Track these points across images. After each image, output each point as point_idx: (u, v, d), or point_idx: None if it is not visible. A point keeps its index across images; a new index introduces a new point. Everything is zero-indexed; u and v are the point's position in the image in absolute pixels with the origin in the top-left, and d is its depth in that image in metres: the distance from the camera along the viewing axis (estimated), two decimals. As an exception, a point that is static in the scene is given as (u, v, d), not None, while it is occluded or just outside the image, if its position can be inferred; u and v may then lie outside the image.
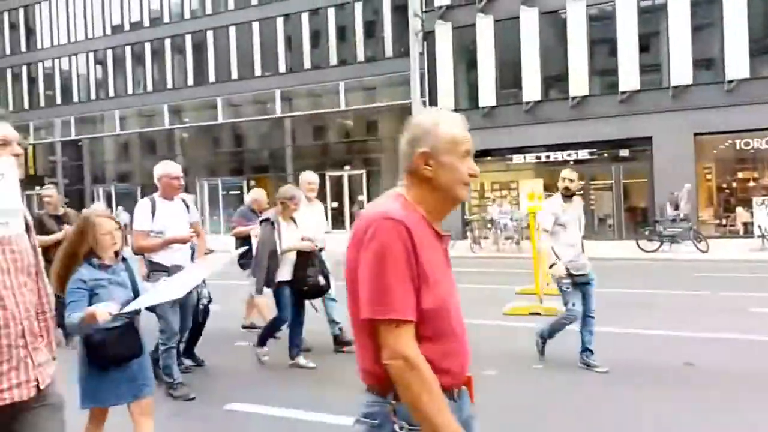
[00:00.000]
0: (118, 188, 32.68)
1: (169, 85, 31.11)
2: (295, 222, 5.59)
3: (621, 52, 19.36)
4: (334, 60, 27.26)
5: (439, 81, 21.79)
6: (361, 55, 26.78)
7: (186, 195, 5.36)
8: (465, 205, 21.30)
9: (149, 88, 31.83)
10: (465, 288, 9.73)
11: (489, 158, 21.60)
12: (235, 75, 29.28)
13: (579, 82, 19.90)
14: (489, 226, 18.13)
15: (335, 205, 26.64)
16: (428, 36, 21.57)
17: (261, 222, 5.63)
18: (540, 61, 20.46)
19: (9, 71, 35.76)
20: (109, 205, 30.78)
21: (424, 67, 21.75)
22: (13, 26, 35.74)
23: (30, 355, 1.85)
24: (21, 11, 35.25)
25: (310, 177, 6.42)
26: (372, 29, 26.82)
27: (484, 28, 21.17)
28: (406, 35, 23.95)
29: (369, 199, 26.00)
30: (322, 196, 29.18)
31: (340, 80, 26.76)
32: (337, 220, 26.66)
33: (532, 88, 20.53)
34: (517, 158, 21.61)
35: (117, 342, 2.93)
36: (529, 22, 20.49)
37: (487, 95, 21.15)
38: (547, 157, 20.89)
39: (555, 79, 20.89)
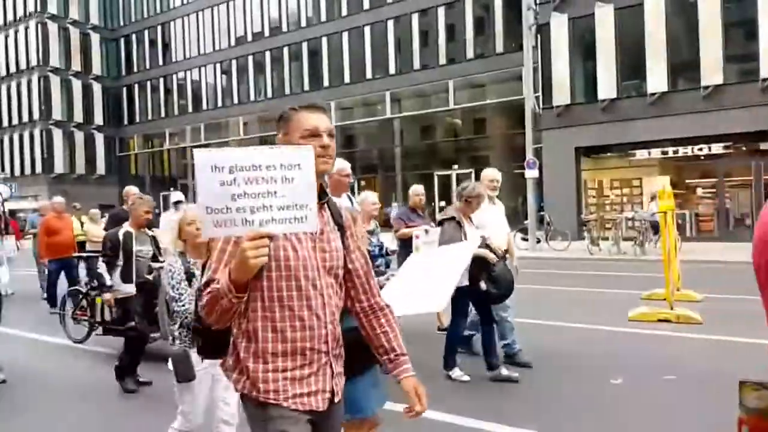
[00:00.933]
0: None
1: (287, 90, 32.74)
2: (472, 221, 5.13)
3: (762, 34, 17.34)
4: (443, 59, 27.16)
5: (553, 75, 20.88)
6: (470, 53, 26.43)
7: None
8: (582, 204, 20.26)
9: (269, 94, 33.72)
10: (583, 291, 9.19)
11: (609, 154, 20.36)
12: (347, 79, 30.16)
13: (712, 70, 18.10)
14: (608, 225, 17.07)
15: (443, 204, 26.51)
16: (542, 29, 20.74)
17: (443, 222, 5.10)
18: (667, 48, 18.89)
19: (148, 83, 39.60)
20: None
21: (538, 61, 20.96)
22: (152, 43, 39.52)
23: (330, 363, 1.70)
24: (159, 28, 38.89)
25: (493, 173, 5.87)
26: (482, 26, 26.37)
27: (604, 18, 19.94)
28: (517, 30, 23.28)
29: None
30: (429, 197, 29.26)
31: (449, 79, 26.60)
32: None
33: (657, 78, 19.00)
34: (641, 154, 20.12)
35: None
36: (655, 8, 19.00)
37: (607, 87, 19.91)
38: (675, 152, 19.22)
39: (684, 68, 19.18)
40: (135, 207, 5.29)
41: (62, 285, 8.53)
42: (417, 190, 6.69)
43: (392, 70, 28.58)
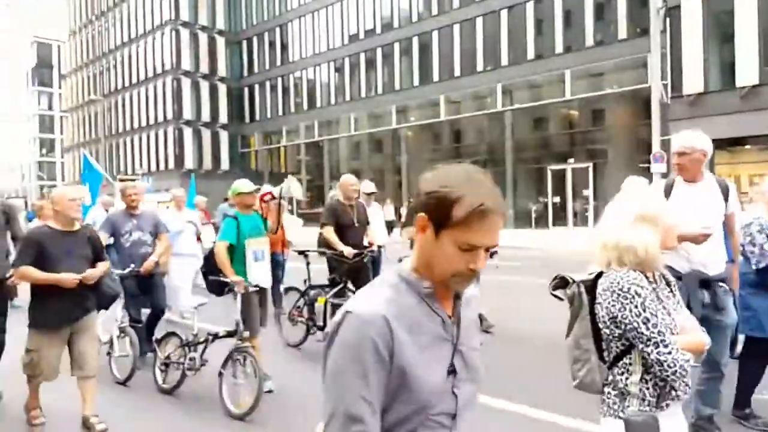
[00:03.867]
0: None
1: (397, 86, 33.03)
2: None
3: None
4: (559, 48, 25.96)
5: (684, 61, 19.17)
6: (590, 40, 25.01)
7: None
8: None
9: (379, 90, 34.23)
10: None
11: (747, 147, 18.41)
12: (457, 72, 29.82)
13: None
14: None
15: (556, 200, 25.42)
16: (672, 12, 19.13)
17: None
18: (824, 26, 16.64)
19: (268, 83, 41.80)
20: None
21: (666, 47, 19.35)
22: (271, 44, 41.64)
23: None
24: (277, 30, 40.88)
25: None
26: (602, 11, 24.86)
27: (745, -5, 17.98)
28: (642, 14, 21.70)
29: (595, 195, 24.25)
30: (541, 191, 28.17)
31: (566, 68, 25.37)
32: (558, 216, 25.41)
33: (810, 61, 16.82)
34: (787, 146, 17.97)
35: None
36: (810, -21, 16.79)
37: (747, 73, 17.93)
38: (829, 144, 16.95)
39: None
40: None
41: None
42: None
43: (504, 61, 27.80)
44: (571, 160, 25.20)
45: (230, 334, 4.49)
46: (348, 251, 5.77)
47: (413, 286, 1.21)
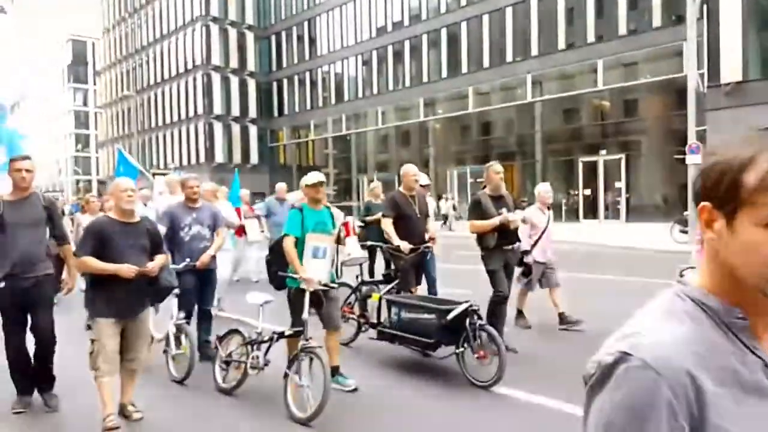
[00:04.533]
0: (378, 177, 35.90)
1: (425, 79, 32.85)
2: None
3: None
4: (591, 37, 25.44)
5: (722, 49, 18.58)
6: (622, 29, 24.43)
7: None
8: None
9: (407, 83, 34.10)
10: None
11: (789, 137, 17.76)
12: (486, 63, 29.49)
13: None
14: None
15: (587, 192, 25.00)
16: (709, -2, 18.55)
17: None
18: None
19: (296, 77, 42.04)
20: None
21: (702, 35, 18.78)
22: (300, 38, 41.85)
23: None
24: (305, 24, 41.05)
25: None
26: (636, -1, 24.26)
27: (788, -22, 17.31)
28: (677, 1, 21.11)
29: (628, 187, 23.77)
30: (572, 183, 27.75)
31: (598, 58, 24.85)
32: (590, 209, 25.00)
33: None
34: (832, 136, 17.25)
35: None
36: None
37: (790, 60, 17.32)
38: None
39: None
40: None
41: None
42: None
43: (534, 51, 27.38)
44: (603, 152, 24.73)
45: (297, 334, 4.28)
46: (404, 246, 5.48)
47: (716, 315, 0.84)
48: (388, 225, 5.69)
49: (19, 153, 6.84)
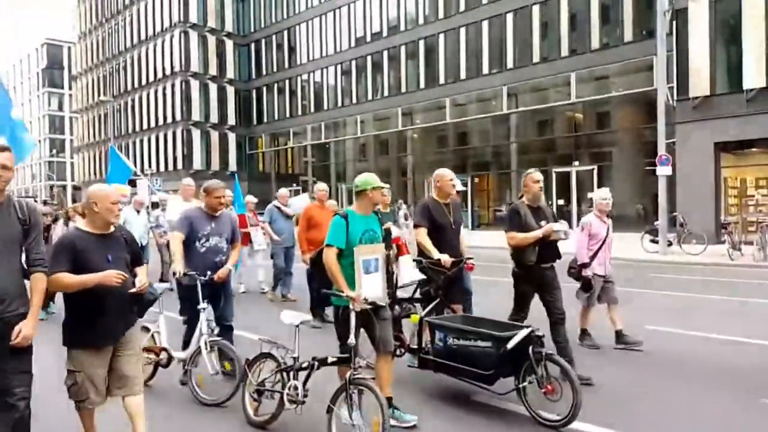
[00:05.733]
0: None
1: (403, 89, 33.10)
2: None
3: None
4: (564, 51, 25.95)
5: (691, 63, 19.12)
6: (595, 43, 24.98)
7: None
8: (720, 205, 18.39)
9: (386, 93, 34.32)
10: (728, 300, 8.39)
11: (753, 149, 18.31)
12: (463, 75, 29.85)
13: None
14: (751, 228, 15.31)
15: (561, 202, 25.38)
16: (679, 14, 19.08)
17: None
18: (831, 28, 16.53)
19: (275, 86, 42.01)
20: (351, 201, 34.03)
21: (672, 49, 19.32)
22: (279, 46, 41.87)
23: None
24: (285, 33, 41.10)
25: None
26: (608, 14, 24.83)
27: (752, -3, 17.90)
28: (648, 16, 21.70)
29: (601, 198, 24.13)
30: (546, 193, 28.30)
31: (571, 71, 25.36)
32: (563, 219, 25.37)
33: (817, 64, 16.71)
34: (793, 150, 17.85)
35: None
36: (817, -18, 16.70)
37: (754, 76, 17.85)
38: (838, 147, 16.81)
39: None
40: None
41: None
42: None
43: (510, 64, 27.81)
44: (576, 163, 25.16)
45: (342, 361, 3.68)
46: (446, 259, 4.80)
47: None
48: (423, 236, 5.00)
49: (23, 149, 5.64)
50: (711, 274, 12.07)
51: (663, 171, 16.17)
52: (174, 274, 4.77)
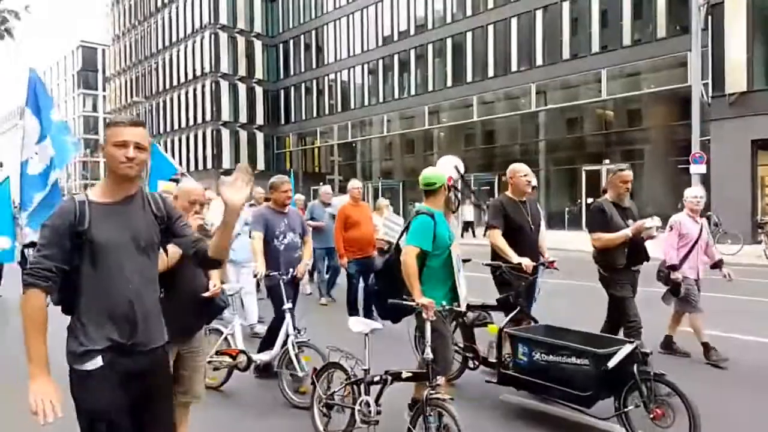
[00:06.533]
0: (383, 184, 36.03)
1: (430, 87, 33.00)
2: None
3: None
4: (595, 47, 25.53)
5: (726, 59, 18.63)
6: (627, 39, 24.52)
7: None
8: (758, 205, 17.88)
9: (412, 91, 34.27)
10: (756, 302, 8.04)
11: (793, 148, 17.78)
12: (491, 73, 29.62)
13: None
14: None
15: (590, 201, 24.97)
16: (715, 9, 18.61)
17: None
18: None
19: (303, 86, 42.33)
20: (376, 198, 34.06)
21: (707, 45, 18.84)
22: (307, 47, 42.17)
23: None
24: (313, 33, 41.37)
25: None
26: (640, 9, 24.33)
27: (792, -10, 17.35)
28: (682, 12, 21.22)
29: (631, 196, 23.68)
30: (575, 192, 27.69)
31: (602, 68, 24.93)
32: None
33: None
34: (836, 147, 17.24)
35: None
36: None
37: (793, 71, 17.32)
38: None
39: None
40: None
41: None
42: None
43: (539, 61, 27.48)
44: (607, 161, 24.71)
45: (418, 377, 3.38)
46: (526, 263, 4.33)
47: None
48: (497, 238, 4.57)
49: (67, 151, 5.47)
50: (747, 275, 11.74)
51: (697, 169, 15.82)
52: (255, 275, 4.72)
